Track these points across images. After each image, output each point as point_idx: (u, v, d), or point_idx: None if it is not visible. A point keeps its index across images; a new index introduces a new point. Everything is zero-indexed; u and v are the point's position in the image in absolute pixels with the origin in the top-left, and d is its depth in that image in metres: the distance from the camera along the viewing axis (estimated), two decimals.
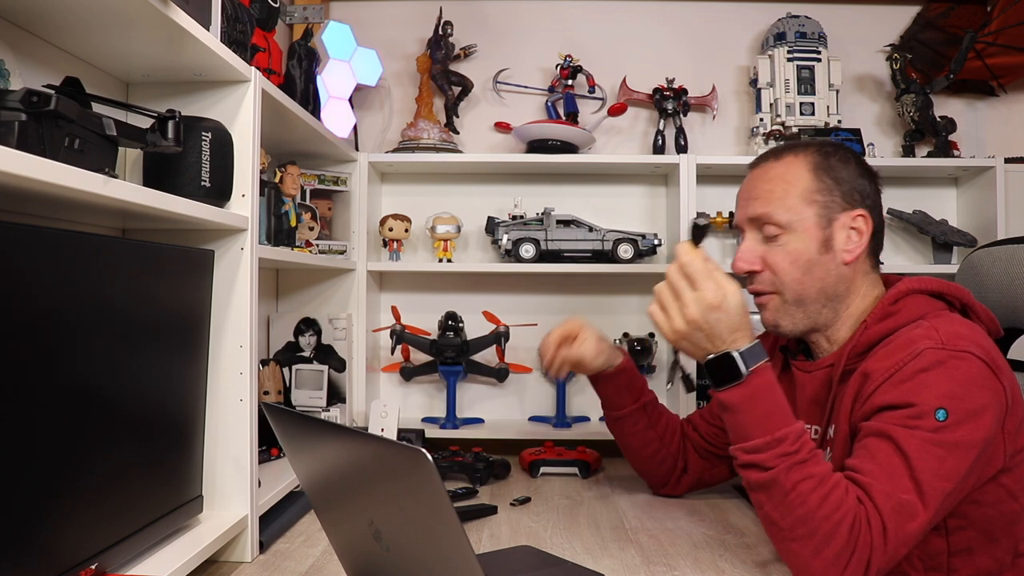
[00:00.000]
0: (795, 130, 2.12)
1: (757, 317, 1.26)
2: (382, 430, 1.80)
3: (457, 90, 2.23)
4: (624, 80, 2.25)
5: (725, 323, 1.06)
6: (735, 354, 1.05)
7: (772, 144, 2.11)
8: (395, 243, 2.11)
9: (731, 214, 2.14)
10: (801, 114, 2.12)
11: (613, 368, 1.48)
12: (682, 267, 1.08)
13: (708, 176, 2.12)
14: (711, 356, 1.07)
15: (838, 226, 1.18)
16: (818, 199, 1.19)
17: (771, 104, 2.15)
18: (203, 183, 1.18)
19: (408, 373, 2.13)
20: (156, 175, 1.18)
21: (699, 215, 1.16)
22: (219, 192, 1.22)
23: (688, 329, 1.07)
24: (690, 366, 1.73)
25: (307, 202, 1.87)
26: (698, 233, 1.13)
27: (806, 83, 2.13)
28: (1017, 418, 1.08)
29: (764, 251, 1.19)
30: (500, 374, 2.12)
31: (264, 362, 1.86)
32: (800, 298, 1.18)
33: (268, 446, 1.63)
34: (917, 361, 1.04)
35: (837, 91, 2.15)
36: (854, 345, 1.15)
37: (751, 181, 1.25)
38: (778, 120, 2.14)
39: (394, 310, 2.10)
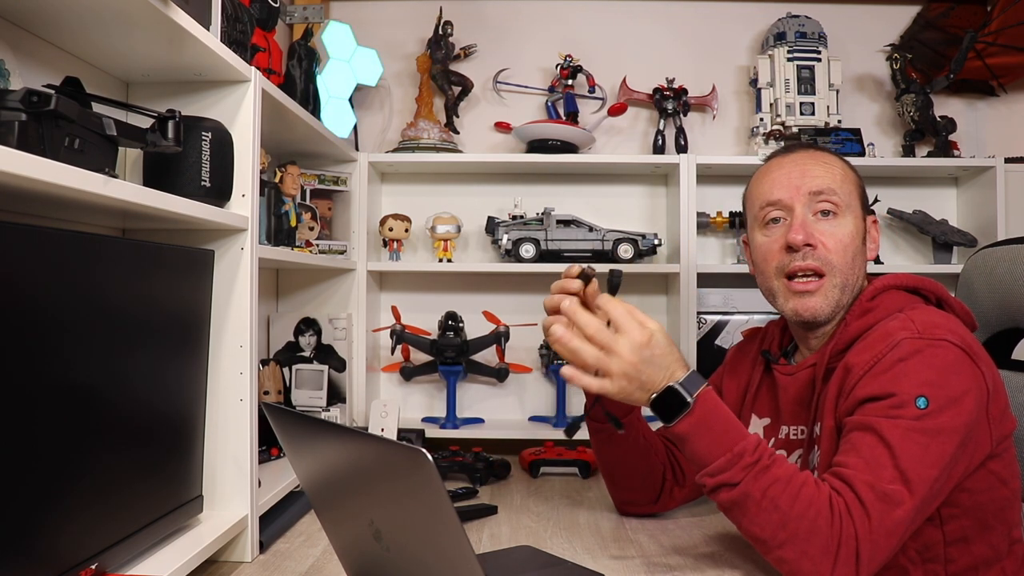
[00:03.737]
0: (795, 130, 2.11)
1: (756, 319, 1.26)
2: (382, 430, 1.80)
3: (457, 90, 2.23)
4: (624, 80, 2.25)
5: (659, 358, 1.04)
6: (677, 386, 1.04)
7: (772, 144, 2.11)
8: (395, 243, 2.11)
9: (732, 213, 2.14)
10: (801, 114, 2.12)
11: None
12: (610, 314, 1.06)
13: (708, 176, 2.12)
14: (655, 395, 1.05)
15: (867, 225, 1.25)
16: (862, 195, 1.25)
17: (771, 104, 2.15)
18: (203, 183, 1.18)
19: (408, 373, 2.13)
20: (156, 175, 1.18)
21: (612, 272, 1.14)
22: (219, 192, 1.22)
23: (625, 372, 1.03)
24: None
25: (307, 202, 1.87)
26: (614, 284, 1.12)
27: (806, 83, 2.13)
28: (1000, 404, 1.09)
29: (818, 229, 1.19)
30: (500, 374, 2.12)
31: (264, 362, 1.86)
32: (844, 283, 1.19)
33: (268, 446, 1.63)
34: (895, 351, 1.05)
35: (837, 91, 2.15)
36: (835, 343, 1.16)
37: (802, 161, 1.23)
38: (778, 120, 2.13)
39: (394, 310, 2.10)
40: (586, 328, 1.06)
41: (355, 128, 2.13)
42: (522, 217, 2.10)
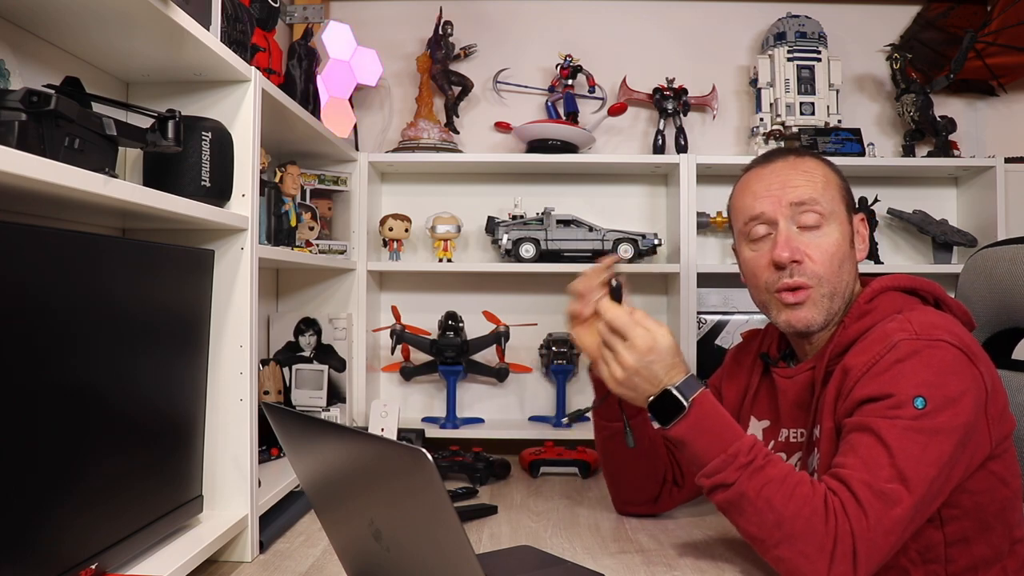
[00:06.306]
0: (795, 130, 2.11)
1: (758, 317, 1.25)
2: (382, 430, 1.80)
3: (457, 90, 2.23)
4: (624, 80, 2.25)
5: (659, 364, 1.10)
6: (673, 389, 1.09)
7: (772, 144, 2.11)
8: (395, 243, 2.11)
9: None
10: (801, 114, 2.12)
11: None
12: (609, 323, 1.14)
13: (708, 176, 2.12)
14: (651, 397, 1.10)
15: (855, 226, 1.24)
16: (846, 197, 1.24)
17: (771, 104, 2.15)
18: (203, 183, 1.18)
19: (408, 373, 2.13)
20: (156, 175, 1.18)
21: (616, 276, 1.20)
22: (219, 192, 1.22)
23: (626, 376, 1.11)
24: None
25: (307, 202, 1.87)
26: (616, 291, 1.17)
27: (806, 83, 2.13)
28: (999, 404, 1.09)
29: (803, 242, 1.19)
30: (500, 374, 2.12)
31: (264, 362, 1.86)
32: (833, 291, 1.19)
33: (268, 446, 1.63)
34: (893, 353, 1.06)
35: (837, 91, 2.15)
36: (834, 345, 1.16)
37: (783, 171, 1.23)
38: (778, 120, 2.13)
39: (394, 310, 2.10)
40: (602, 324, 1.15)
41: (355, 128, 2.13)
42: (522, 217, 2.10)
